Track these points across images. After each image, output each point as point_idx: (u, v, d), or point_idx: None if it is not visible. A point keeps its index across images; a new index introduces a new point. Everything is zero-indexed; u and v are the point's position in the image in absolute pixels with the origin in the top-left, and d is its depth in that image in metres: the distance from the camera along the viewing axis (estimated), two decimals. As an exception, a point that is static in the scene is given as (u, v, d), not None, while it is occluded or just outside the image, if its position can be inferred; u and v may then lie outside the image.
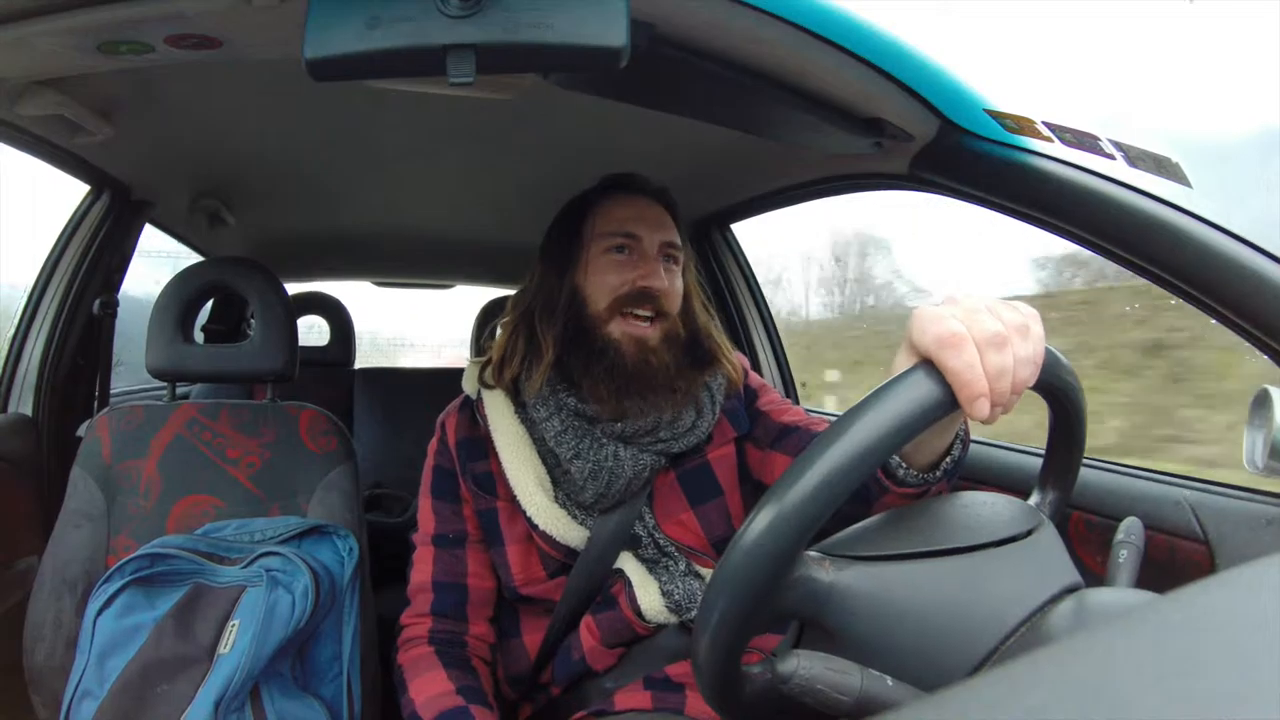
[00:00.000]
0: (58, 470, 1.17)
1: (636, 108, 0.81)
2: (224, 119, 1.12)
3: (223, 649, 0.80)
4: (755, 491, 0.89)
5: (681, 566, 0.83)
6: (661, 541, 0.84)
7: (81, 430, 1.04)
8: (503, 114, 1.04)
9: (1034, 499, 0.56)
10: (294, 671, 0.85)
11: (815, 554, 0.47)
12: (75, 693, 0.80)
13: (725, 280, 1.66)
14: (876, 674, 0.41)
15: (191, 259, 1.61)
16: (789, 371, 1.65)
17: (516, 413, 0.86)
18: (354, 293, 2.36)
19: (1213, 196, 0.65)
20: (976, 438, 1.04)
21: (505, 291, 2.02)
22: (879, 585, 0.45)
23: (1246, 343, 0.64)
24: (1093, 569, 0.77)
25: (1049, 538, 0.48)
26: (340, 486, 1.01)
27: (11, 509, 1.11)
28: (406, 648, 0.85)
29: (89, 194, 1.23)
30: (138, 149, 1.13)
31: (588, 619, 0.83)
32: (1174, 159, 0.69)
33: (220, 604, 0.83)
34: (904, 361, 0.46)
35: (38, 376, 1.22)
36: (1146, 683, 0.17)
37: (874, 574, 0.45)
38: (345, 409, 2.04)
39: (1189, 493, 0.75)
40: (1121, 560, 0.53)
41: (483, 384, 0.89)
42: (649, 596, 0.80)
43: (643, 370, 0.81)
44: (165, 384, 1.06)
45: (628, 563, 0.82)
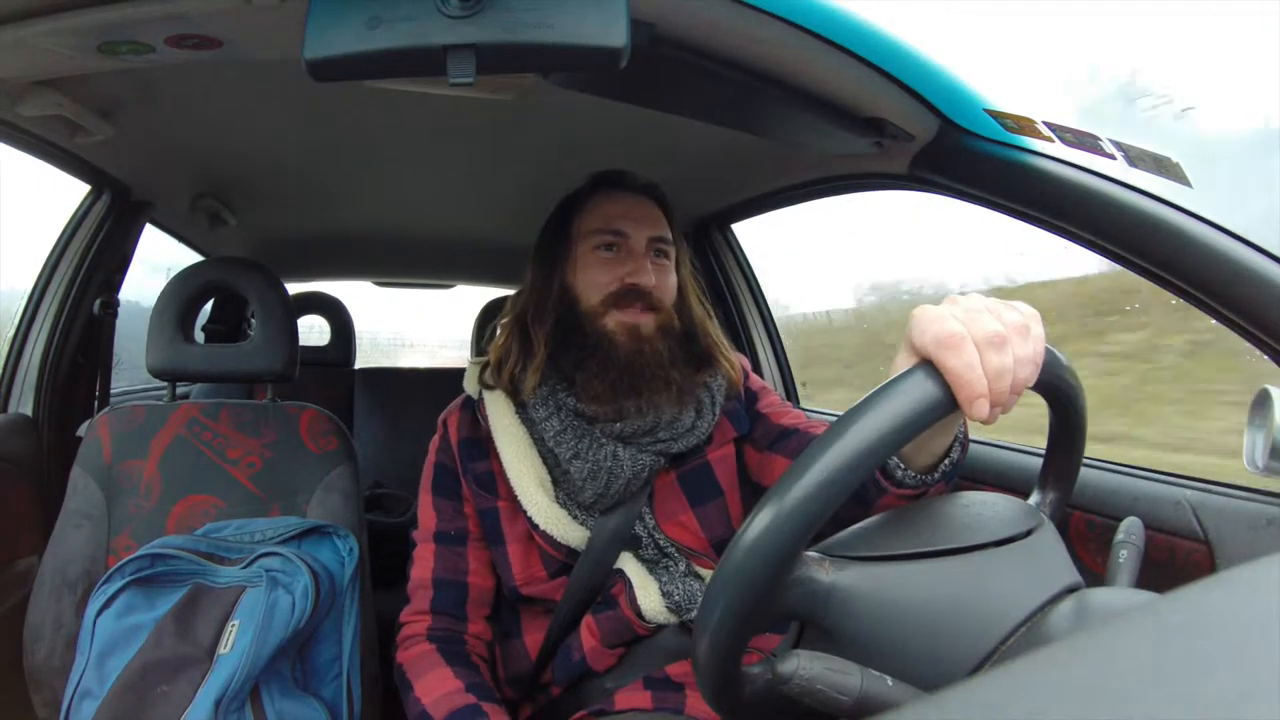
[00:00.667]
0: (58, 470, 1.17)
1: (636, 108, 0.81)
2: (224, 119, 1.12)
3: (223, 649, 0.80)
4: (754, 493, 0.89)
5: (681, 567, 0.83)
6: (661, 542, 0.84)
7: (82, 430, 1.05)
8: (503, 114, 1.04)
9: (1034, 499, 0.56)
10: (294, 671, 0.85)
11: (815, 554, 0.47)
12: (75, 693, 0.80)
13: (725, 280, 1.66)
14: (876, 674, 0.41)
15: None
16: (790, 372, 1.65)
17: (517, 413, 0.86)
18: (354, 293, 2.37)
19: (1212, 196, 0.65)
20: (977, 438, 1.04)
21: (505, 291, 2.02)
22: (879, 585, 0.45)
23: (1248, 343, 0.64)
24: (1093, 569, 0.77)
25: (1049, 538, 0.48)
26: (340, 486, 1.01)
27: (11, 509, 1.11)
28: (406, 645, 0.85)
29: (89, 194, 1.23)
30: (138, 149, 1.13)
31: (588, 619, 0.83)
32: (1174, 159, 0.69)
33: (220, 604, 0.83)
34: (904, 362, 0.46)
35: (38, 376, 1.22)
36: (1146, 683, 0.17)
37: (874, 574, 0.45)
38: (345, 409, 2.04)
39: (1189, 493, 0.75)
40: (1121, 560, 0.53)
41: (483, 384, 0.89)
42: (649, 597, 0.80)
43: (636, 361, 0.80)
44: (165, 384, 1.06)
45: (628, 563, 0.82)
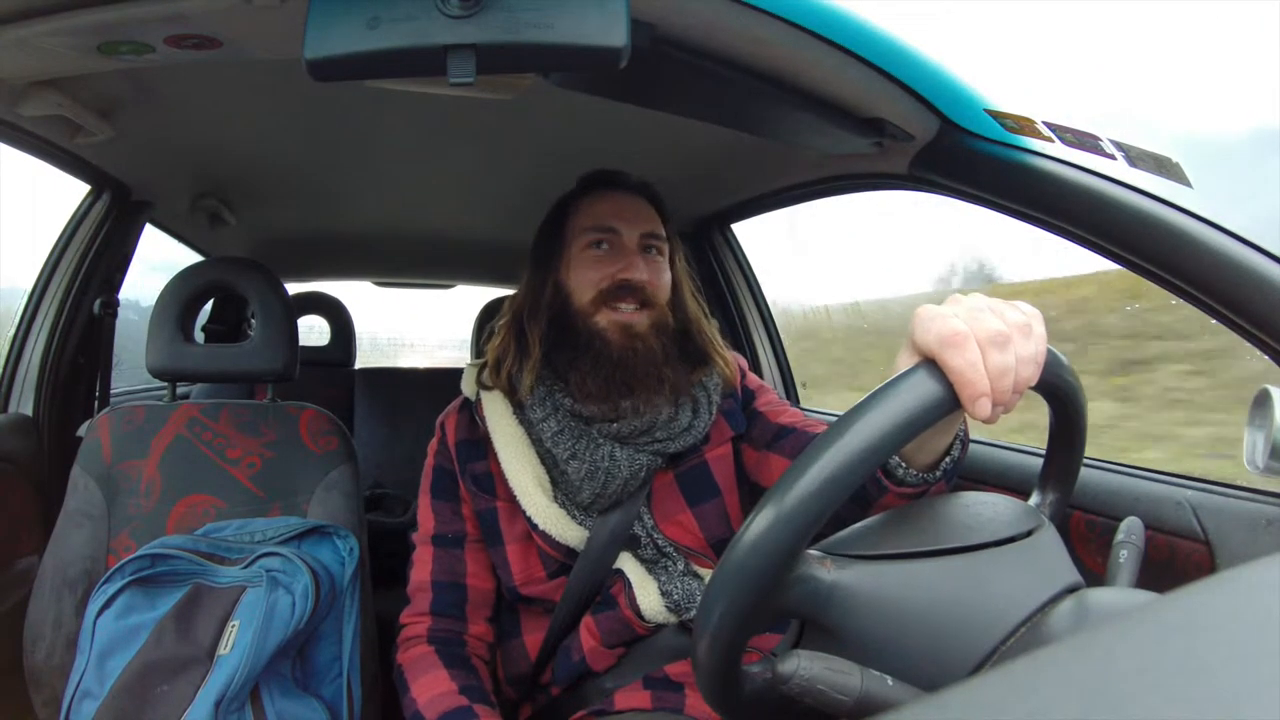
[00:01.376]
0: (58, 470, 1.17)
1: (636, 108, 0.81)
2: (224, 119, 1.12)
3: (223, 649, 0.80)
4: (752, 492, 0.89)
5: (680, 566, 0.83)
6: (660, 542, 0.84)
7: (82, 430, 1.05)
8: (503, 114, 1.04)
9: (1034, 499, 0.56)
10: (294, 672, 0.85)
11: (816, 553, 0.47)
12: (75, 693, 0.80)
13: (725, 280, 1.65)
14: (877, 674, 0.41)
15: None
16: (789, 372, 1.64)
17: (514, 413, 0.86)
18: (354, 293, 2.37)
19: (1212, 196, 0.65)
20: (978, 438, 1.04)
21: (505, 291, 2.02)
22: (880, 584, 0.45)
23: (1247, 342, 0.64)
24: (1093, 569, 0.77)
25: (1049, 538, 0.48)
26: (341, 487, 1.01)
27: (11, 509, 1.11)
28: (406, 647, 0.85)
29: (89, 194, 1.23)
30: (138, 149, 1.13)
31: (587, 619, 0.83)
32: (1174, 159, 0.69)
33: (220, 604, 0.83)
34: (906, 360, 0.46)
35: (38, 376, 1.22)
36: (1146, 683, 0.17)
37: (875, 573, 0.45)
38: (345, 409, 2.04)
39: (1189, 493, 0.75)
40: (1122, 560, 0.53)
41: (481, 385, 0.89)
42: (648, 596, 0.80)
43: (628, 359, 0.81)
44: (165, 384, 1.06)
45: (627, 563, 0.82)
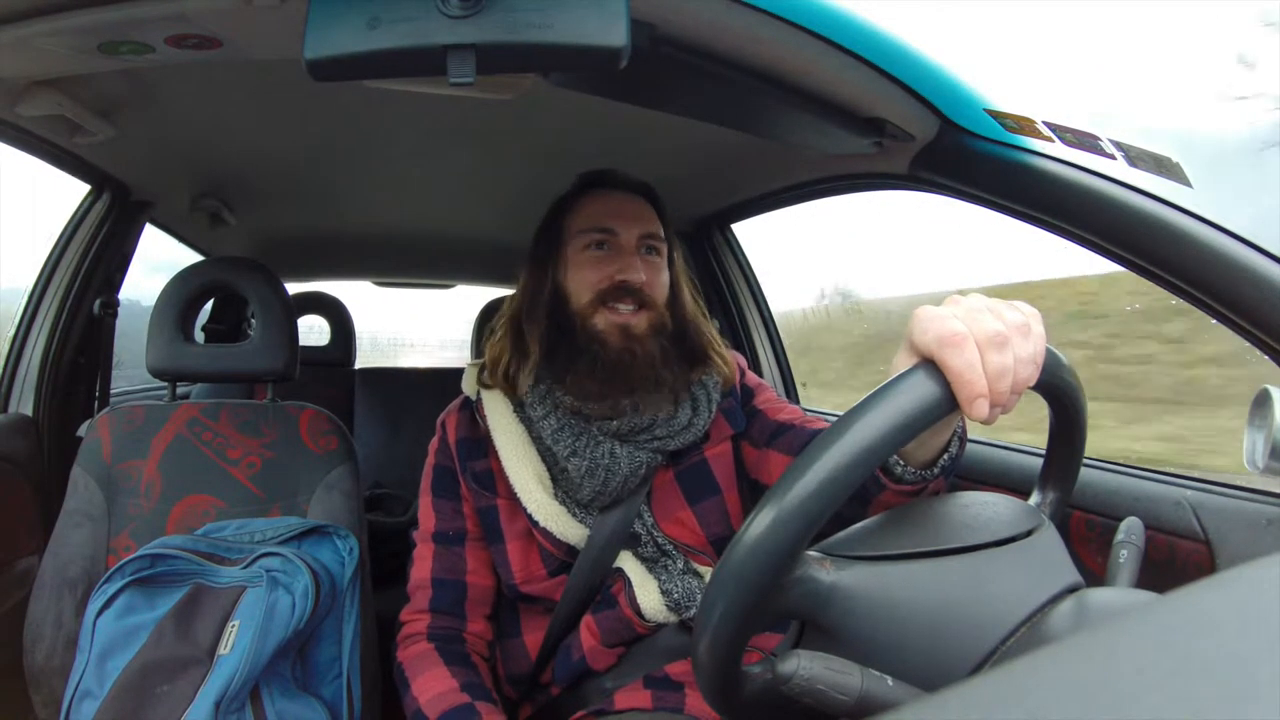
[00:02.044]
0: (58, 470, 1.17)
1: (636, 108, 0.81)
2: (224, 119, 1.12)
3: (223, 649, 0.80)
4: (752, 490, 0.89)
5: (680, 565, 0.83)
6: (660, 540, 0.84)
7: (82, 430, 1.05)
8: (503, 114, 1.04)
9: (1034, 499, 0.56)
10: (294, 672, 0.85)
11: (816, 554, 0.47)
12: (75, 693, 0.80)
13: (725, 280, 1.65)
14: (877, 674, 0.41)
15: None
16: (789, 371, 1.64)
17: (515, 411, 0.86)
18: (354, 293, 2.37)
19: (1212, 196, 0.65)
20: (979, 438, 1.04)
21: (505, 291, 2.02)
22: (880, 585, 0.45)
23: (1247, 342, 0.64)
24: (1093, 569, 0.77)
25: (1049, 538, 0.48)
26: (341, 486, 1.01)
27: (11, 509, 1.11)
28: (406, 644, 0.85)
29: (89, 194, 1.23)
30: (138, 149, 1.13)
31: (588, 618, 0.83)
32: (1174, 159, 0.69)
33: (220, 604, 0.83)
34: (905, 361, 0.46)
35: (38, 376, 1.22)
36: (1146, 683, 0.17)
37: (875, 574, 0.45)
38: (345, 409, 2.04)
39: (1189, 493, 0.75)
40: (1122, 560, 0.53)
41: (481, 384, 0.89)
42: (648, 595, 0.80)
43: (626, 362, 0.81)
44: (165, 384, 1.06)
45: (627, 561, 0.83)
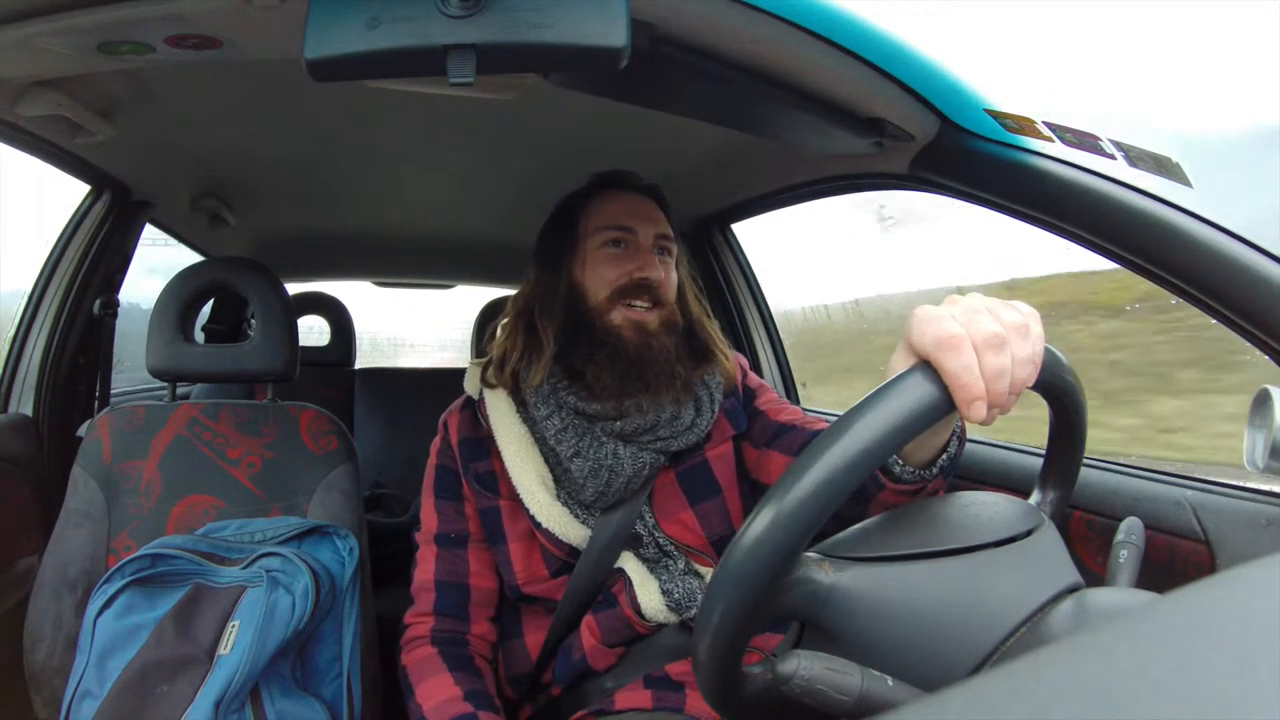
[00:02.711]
0: (58, 470, 1.17)
1: (636, 108, 0.81)
2: (224, 119, 1.12)
3: (223, 649, 0.80)
4: (753, 490, 0.89)
5: (681, 565, 0.83)
6: (662, 540, 0.84)
7: (82, 430, 1.04)
8: (503, 114, 1.04)
9: (1034, 498, 0.56)
10: (294, 672, 0.85)
11: (814, 555, 0.47)
12: (75, 693, 0.80)
13: (725, 280, 1.65)
14: (877, 674, 0.41)
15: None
16: (789, 371, 1.64)
17: (518, 411, 0.86)
18: (354, 293, 2.36)
19: (1211, 195, 0.65)
20: (979, 438, 1.04)
21: (505, 291, 2.02)
22: (879, 586, 0.45)
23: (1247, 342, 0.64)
24: (1093, 569, 0.77)
25: (1050, 537, 0.48)
26: (341, 486, 1.01)
27: (11, 509, 1.11)
28: (410, 648, 0.85)
29: (89, 194, 1.23)
30: (138, 149, 1.13)
31: (588, 618, 0.83)
32: (1174, 159, 0.69)
33: (220, 604, 0.83)
34: (902, 361, 0.46)
35: (38, 376, 1.22)
36: (1146, 683, 0.17)
37: (874, 575, 0.45)
38: (345, 409, 2.04)
39: (1189, 493, 0.75)
40: (1122, 560, 0.53)
41: (485, 384, 0.89)
42: (649, 595, 0.80)
43: (644, 355, 0.81)
44: (165, 384, 1.06)
45: (628, 561, 0.83)
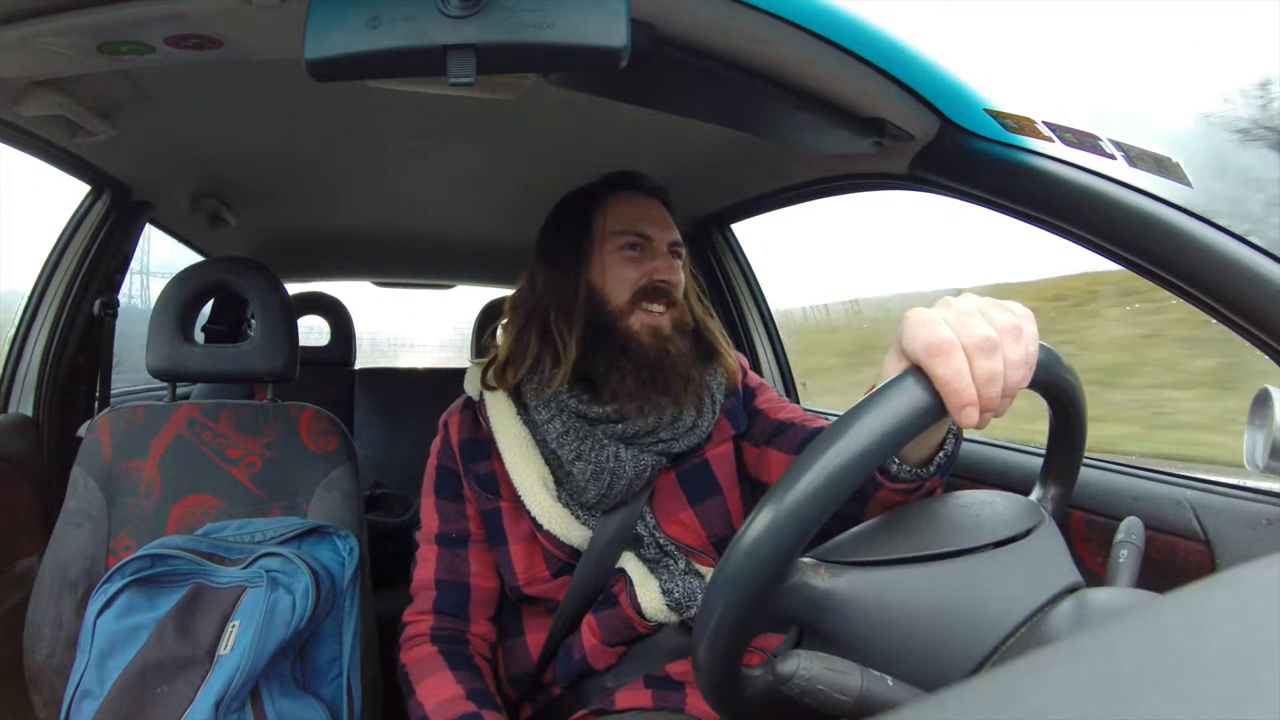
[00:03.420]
0: (58, 470, 1.17)
1: (636, 108, 0.81)
2: (224, 119, 1.12)
3: (223, 650, 0.80)
4: (753, 489, 0.89)
5: (681, 565, 0.83)
6: (662, 541, 0.84)
7: (82, 430, 1.04)
8: (503, 114, 1.04)
9: (1035, 495, 0.56)
10: (294, 672, 0.85)
11: (810, 560, 0.46)
12: (75, 693, 0.80)
13: (725, 280, 1.65)
14: (877, 674, 0.41)
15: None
16: (789, 371, 1.64)
17: (519, 414, 0.86)
18: (354, 293, 2.37)
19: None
20: (979, 437, 1.04)
21: (505, 291, 2.02)
22: (875, 590, 0.45)
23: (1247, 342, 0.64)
24: (1093, 569, 0.77)
25: (1050, 537, 0.48)
26: (341, 487, 1.01)
27: (11, 509, 1.11)
28: (410, 646, 0.85)
29: (89, 194, 1.23)
30: (138, 149, 1.13)
31: (589, 618, 0.83)
32: (1174, 159, 0.69)
33: (220, 604, 0.83)
34: (894, 365, 0.45)
35: (38, 376, 1.22)
36: (1146, 683, 0.17)
37: (870, 579, 0.45)
38: (346, 409, 2.04)
39: (1189, 493, 0.75)
40: (1122, 560, 0.53)
41: (485, 385, 0.89)
42: (649, 595, 0.80)
43: (663, 360, 0.82)
44: (165, 384, 1.06)
45: (629, 562, 0.83)
